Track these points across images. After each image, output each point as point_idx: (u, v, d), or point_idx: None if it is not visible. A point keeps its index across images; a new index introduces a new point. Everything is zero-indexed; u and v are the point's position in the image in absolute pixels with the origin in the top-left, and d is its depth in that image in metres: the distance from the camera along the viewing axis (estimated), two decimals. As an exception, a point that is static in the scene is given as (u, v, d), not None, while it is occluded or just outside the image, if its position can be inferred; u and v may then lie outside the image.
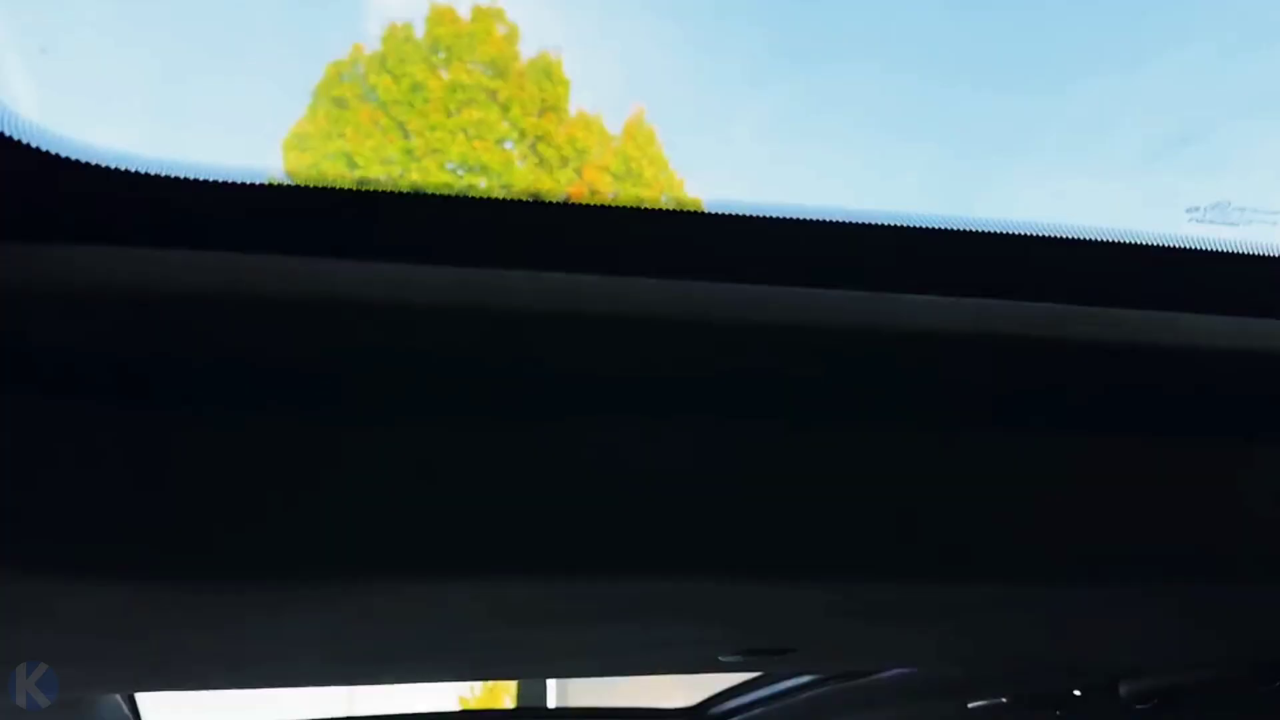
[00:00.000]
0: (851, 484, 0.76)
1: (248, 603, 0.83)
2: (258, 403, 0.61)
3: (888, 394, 0.70)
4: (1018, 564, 0.85)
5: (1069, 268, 0.76)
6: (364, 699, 3.49)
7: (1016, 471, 0.77)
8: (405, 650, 1.09)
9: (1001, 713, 1.95)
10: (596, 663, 1.27)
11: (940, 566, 0.85)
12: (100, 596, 0.78)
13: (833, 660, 1.61)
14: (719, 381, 0.66)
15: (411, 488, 0.69)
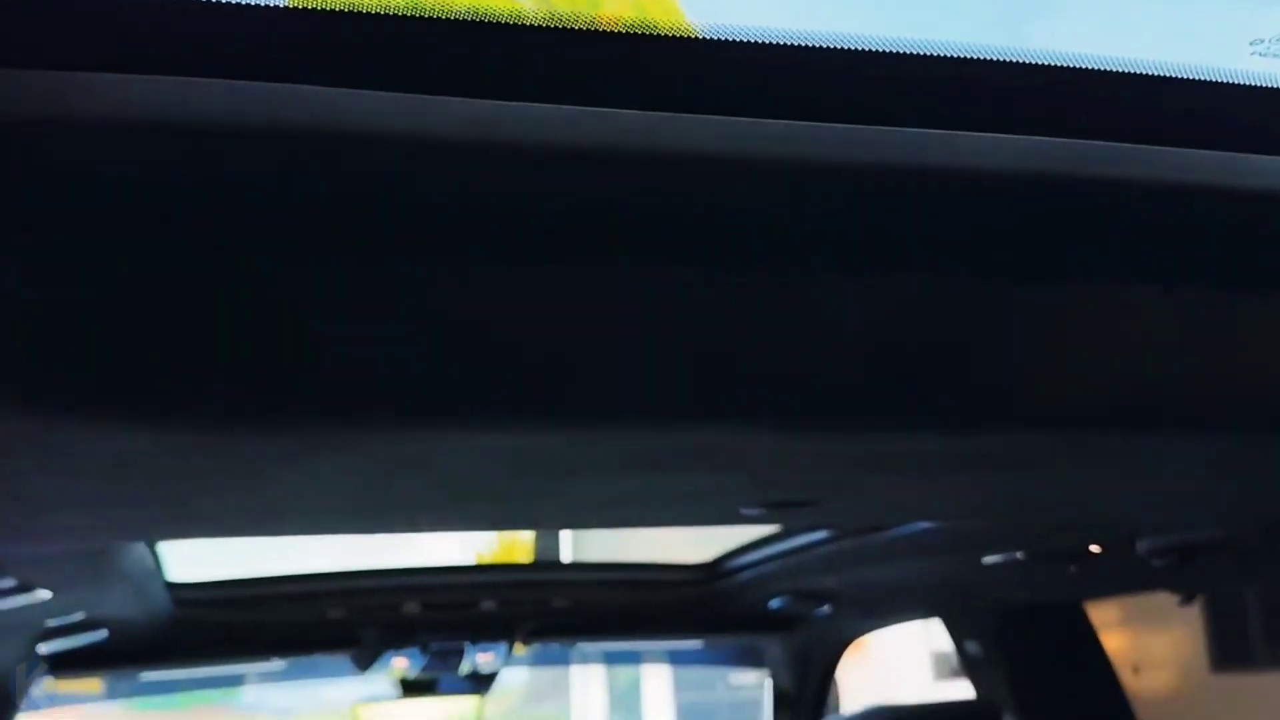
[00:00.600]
0: (874, 332, 0.74)
1: (270, 450, 0.82)
2: (278, 242, 0.60)
3: (913, 238, 0.67)
4: (1042, 415, 0.84)
5: (1121, 102, 0.72)
6: (387, 553, 3.58)
7: (1044, 320, 0.75)
8: (429, 500, 1.09)
9: (1016, 568, 1.97)
10: (619, 514, 1.27)
11: (965, 418, 0.83)
12: (120, 443, 0.77)
13: (853, 514, 1.62)
14: (744, 223, 0.64)
15: (436, 334, 0.67)
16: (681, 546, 3.00)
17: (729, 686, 15.90)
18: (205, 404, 0.70)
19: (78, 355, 0.65)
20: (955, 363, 0.77)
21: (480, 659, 2.85)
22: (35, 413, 0.69)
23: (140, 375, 0.67)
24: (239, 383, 0.69)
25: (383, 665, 2.82)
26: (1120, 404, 0.83)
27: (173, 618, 2.41)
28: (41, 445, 0.77)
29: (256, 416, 0.72)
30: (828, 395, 0.77)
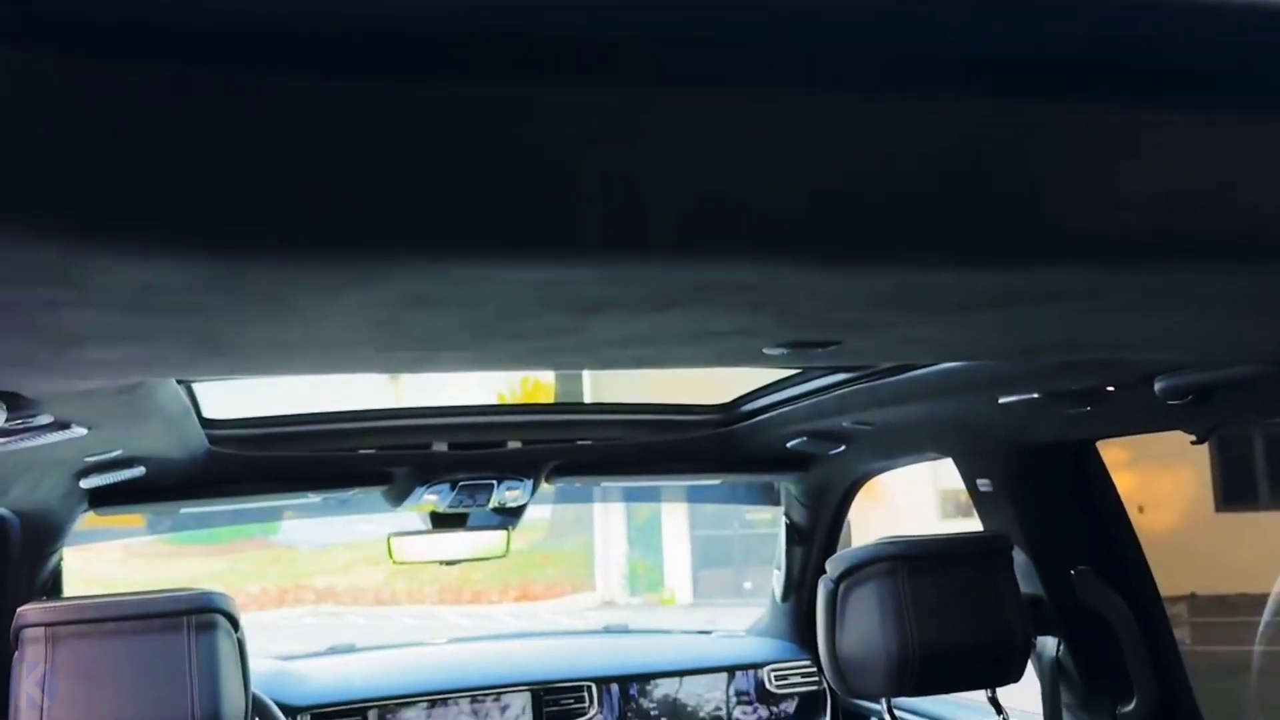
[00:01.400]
0: (899, 163, 0.72)
1: (295, 284, 0.83)
2: (302, 61, 0.58)
3: (941, 59, 0.64)
4: (1070, 247, 0.83)
5: None
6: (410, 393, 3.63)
7: (1073, 149, 0.74)
8: (455, 338, 1.10)
9: (1032, 407, 2.00)
10: (643, 354, 1.29)
11: (992, 251, 0.83)
12: (143, 275, 0.78)
13: (874, 354, 1.64)
14: (771, 44, 0.62)
15: (464, 162, 0.66)
16: (699, 394, 3.05)
17: (744, 523, 16.36)
18: (227, 235, 0.69)
19: (95, 181, 0.63)
20: (982, 194, 0.77)
21: (507, 495, 2.95)
22: (54, 240, 0.68)
23: (159, 204, 0.66)
24: (261, 213, 0.68)
25: (414, 501, 2.92)
26: (1149, 235, 0.83)
27: (208, 454, 2.48)
28: (63, 275, 0.77)
29: (280, 248, 0.71)
30: (854, 229, 0.78)
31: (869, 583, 2.13)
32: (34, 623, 1.73)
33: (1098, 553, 2.43)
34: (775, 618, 3.62)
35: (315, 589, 15.83)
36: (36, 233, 0.67)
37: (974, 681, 2.24)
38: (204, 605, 1.80)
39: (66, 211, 0.65)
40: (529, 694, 3.11)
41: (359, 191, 0.67)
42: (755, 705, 3.36)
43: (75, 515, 2.60)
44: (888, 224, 0.77)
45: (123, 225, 0.67)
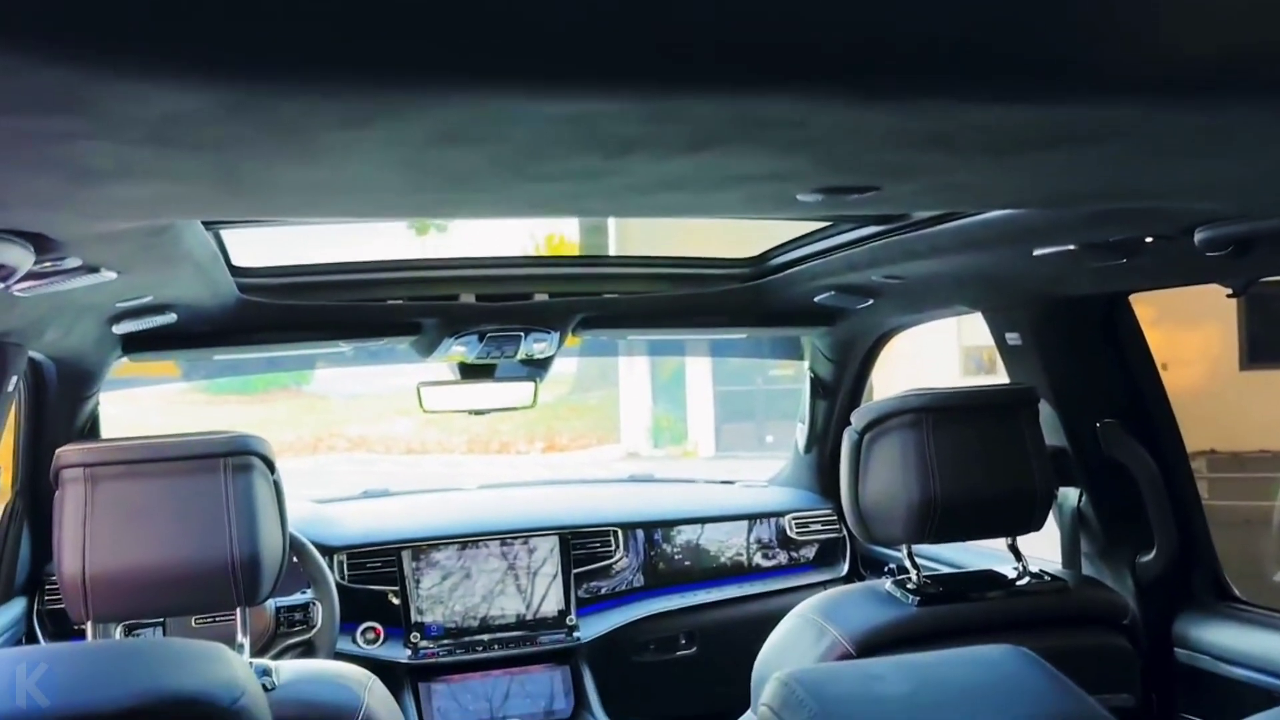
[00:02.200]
0: None
1: (319, 116, 0.80)
2: None
3: None
4: (1118, 82, 0.80)
5: None
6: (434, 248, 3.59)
7: None
8: (483, 179, 1.09)
9: (1067, 259, 1.97)
10: (675, 200, 1.26)
11: (1039, 85, 0.80)
12: (165, 102, 0.76)
13: (912, 201, 1.60)
14: None
15: None
16: (722, 250, 3.02)
17: (766, 379, 16.46)
18: (248, 57, 0.67)
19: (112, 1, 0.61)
20: (1031, 24, 0.73)
21: (535, 346, 2.97)
22: (73, 64, 0.66)
23: (179, 24, 0.64)
24: (284, 34, 0.65)
25: (442, 352, 2.95)
26: (1200, 70, 0.80)
27: (238, 301, 2.50)
28: (78, 102, 0.75)
29: (303, 73, 0.69)
30: (899, 61, 0.74)
31: (893, 433, 2.14)
32: (73, 463, 1.77)
33: (1124, 406, 2.43)
34: (797, 469, 3.67)
35: (348, 437, 16.19)
36: (47, 54, 0.65)
37: (995, 530, 2.27)
38: (240, 448, 1.84)
39: (77, 31, 0.62)
40: (556, 538, 3.20)
41: (382, 17, 0.64)
42: (776, 551, 3.45)
43: (110, 360, 2.64)
44: (934, 53, 0.74)
45: (135, 46, 0.64)
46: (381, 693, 1.96)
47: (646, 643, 3.26)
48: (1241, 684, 2.14)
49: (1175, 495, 2.38)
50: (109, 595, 1.74)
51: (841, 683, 1.04)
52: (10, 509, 2.58)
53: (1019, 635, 1.24)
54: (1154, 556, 2.38)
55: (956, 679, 1.05)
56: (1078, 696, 1.01)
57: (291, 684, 1.83)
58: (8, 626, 2.51)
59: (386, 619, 3.04)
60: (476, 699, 3.03)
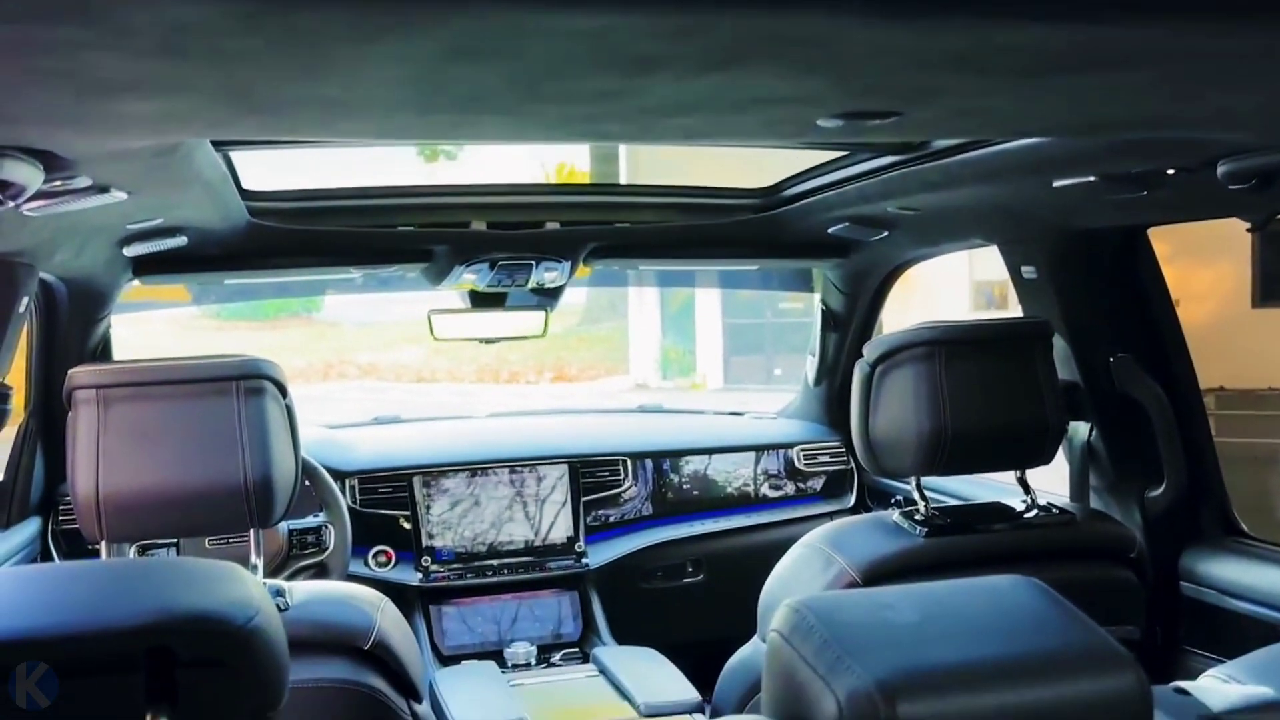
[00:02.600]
0: None
1: (330, 28, 0.78)
2: None
3: None
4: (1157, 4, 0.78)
5: None
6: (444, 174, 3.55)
7: None
8: (497, 99, 1.07)
9: (1087, 191, 1.94)
10: (692, 124, 1.24)
11: (1066, 4, 0.78)
12: (173, 12, 0.74)
13: (934, 128, 1.57)
14: None
15: None
16: (735, 182, 2.98)
17: (776, 312, 16.44)
18: None
19: None
20: None
21: (546, 275, 2.95)
22: None
23: None
24: None
25: (453, 280, 2.94)
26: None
27: (248, 225, 2.49)
28: (92, 10, 0.73)
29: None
30: None
31: (905, 366, 2.14)
32: (85, 384, 1.77)
33: (1138, 341, 2.42)
34: (806, 401, 3.67)
35: (358, 365, 16.25)
36: None
37: (1005, 463, 2.28)
38: (252, 371, 1.84)
39: None
40: (566, 466, 3.22)
41: None
42: (783, 482, 3.47)
43: (121, 283, 2.64)
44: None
45: None
46: (394, 614, 1.98)
47: (654, 570, 3.29)
48: (1246, 618, 2.16)
49: (1186, 430, 2.38)
50: (122, 515, 1.76)
51: (851, 610, 1.05)
52: (24, 430, 2.60)
53: (1026, 567, 1.25)
54: (1163, 491, 2.38)
55: (966, 608, 1.06)
56: (1089, 627, 1.02)
57: (305, 604, 1.85)
58: (23, 545, 2.54)
59: (398, 543, 3.07)
60: (486, 622, 3.08)
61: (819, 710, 0.96)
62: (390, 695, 1.88)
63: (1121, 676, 0.96)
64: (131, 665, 0.90)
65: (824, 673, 0.96)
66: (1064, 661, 0.97)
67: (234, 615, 0.94)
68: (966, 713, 0.93)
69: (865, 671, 0.94)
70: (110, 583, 1.01)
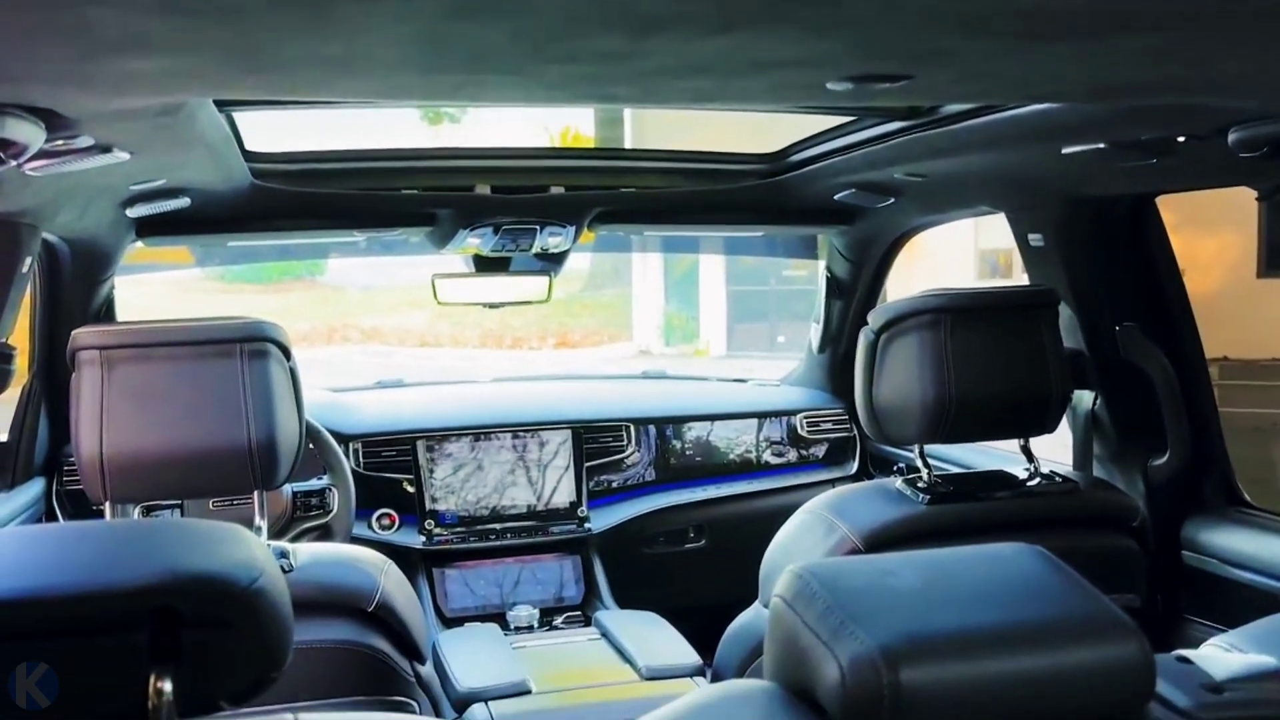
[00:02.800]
0: None
1: None
2: None
3: None
4: None
5: None
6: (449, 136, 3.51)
7: None
8: (503, 59, 1.05)
9: (1097, 158, 1.93)
10: (699, 87, 1.23)
11: None
12: None
13: (946, 92, 1.55)
14: None
15: None
16: (740, 148, 2.96)
17: (780, 279, 16.43)
18: None
19: None
20: None
21: (550, 240, 2.94)
22: None
23: None
24: None
25: (457, 244, 2.92)
26: None
27: (251, 187, 2.47)
28: None
29: None
30: None
31: (911, 334, 2.13)
32: (89, 345, 1.77)
33: (1145, 310, 2.41)
34: (810, 368, 3.67)
35: (361, 329, 16.25)
36: None
37: (1009, 431, 2.27)
38: (256, 334, 1.83)
39: None
40: (569, 431, 3.22)
41: None
42: (786, 449, 3.47)
43: (124, 244, 2.63)
44: None
45: None
46: (397, 576, 1.99)
47: (656, 535, 3.31)
48: (1248, 587, 2.16)
49: (1191, 400, 2.37)
50: (126, 476, 1.76)
51: (854, 576, 1.05)
52: (27, 390, 2.60)
53: (1028, 534, 1.25)
54: (1166, 460, 2.38)
55: (969, 575, 1.06)
56: (1092, 595, 1.02)
57: (309, 566, 1.86)
58: (27, 506, 2.55)
59: (401, 506, 3.08)
60: (488, 585, 3.09)
61: (821, 675, 0.96)
62: (393, 656, 1.89)
63: (1125, 645, 0.97)
64: (136, 625, 0.90)
65: (827, 638, 0.97)
66: (1067, 629, 0.97)
67: (239, 576, 0.95)
68: (969, 679, 0.93)
69: (868, 637, 0.94)
70: (115, 543, 1.01)
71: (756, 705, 1.02)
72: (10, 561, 0.95)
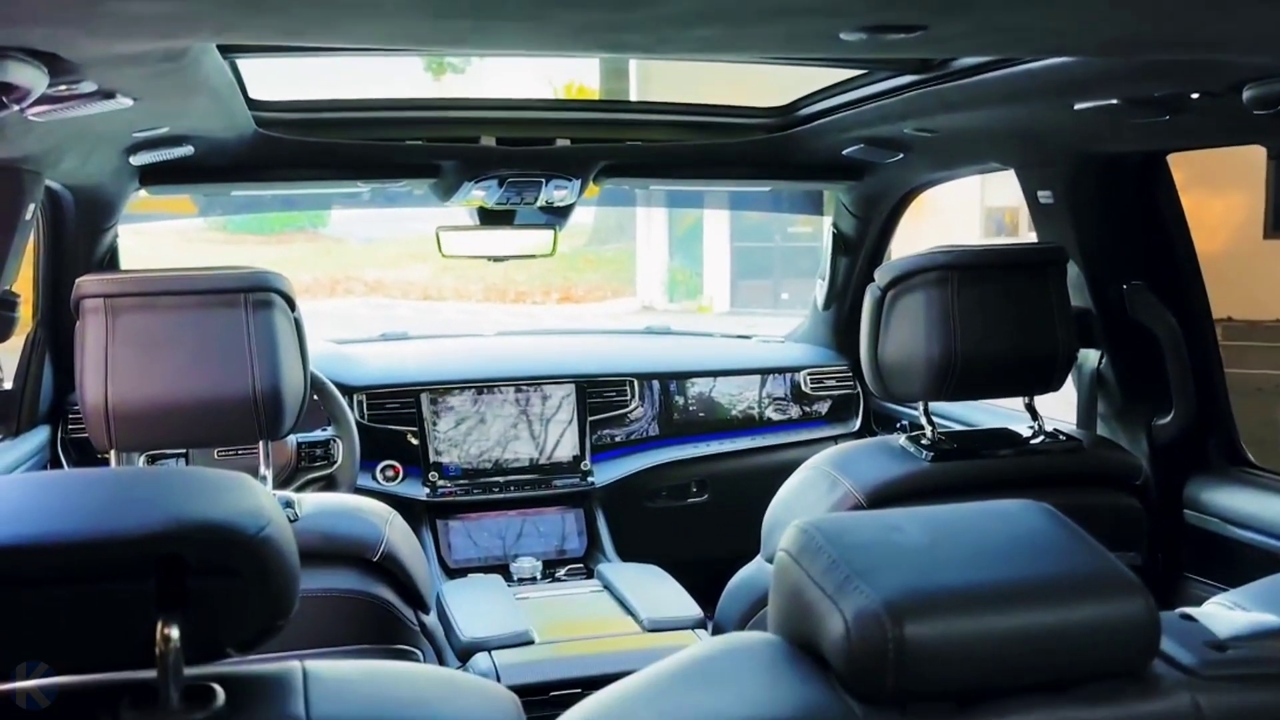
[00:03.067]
0: None
1: None
2: None
3: None
4: None
5: None
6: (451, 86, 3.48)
7: None
8: (513, 6, 1.04)
9: (1109, 114, 1.91)
10: (710, 34, 1.21)
11: None
12: None
13: (960, 44, 1.53)
14: None
15: None
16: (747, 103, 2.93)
17: (785, 236, 16.37)
18: None
19: None
20: None
21: (555, 193, 2.92)
22: None
23: None
24: None
25: (462, 196, 2.90)
26: None
27: (255, 135, 2.45)
28: None
29: None
30: None
31: (917, 291, 2.12)
32: (93, 293, 1.77)
33: (1153, 269, 2.40)
34: (815, 325, 3.66)
35: (365, 281, 16.23)
36: None
37: (1014, 389, 2.27)
38: (260, 284, 1.83)
39: None
40: (573, 385, 3.22)
41: None
42: (789, 405, 3.47)
43: (128, 192, 2.62)
44: None
45: None
46: (402, 527, 2.00)
47: (659, 490, 3.32)
48: (1249, 547, 2.17)
49: (1197, 360, 2.37)
50: (131, 424, 1.76)
51: (860, 531, 1.05)
52: (32, 338, 2.60)
53: (1031, 492, 1.25)
54: (1171, 419, 2.38)
55: (975, 531, 1.06)
56: (1098, 552, 1.02)
57: (314, 516, 1.87)
58: (32, 453, 2.56)
59: (405, 458, 3.09)
60: (492, 537, 3.11)
61: (826, 629, 0.96)
62: (398, 605, 1.91)
63: (1131, 602, 0.97)
64: (142, 573, 0.90)
65: (832, 592, 0.97)
66: (1073, 585, 0.97)
67: (246, 525, 0.95)
68: (974, 634, 0.93)
69: (873, 592, 0.94)
70: (121, 490, 1.01)
71: (761, 657, 1.03)
72: (16, 507, 0.95)
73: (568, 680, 2.19)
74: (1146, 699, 0.97)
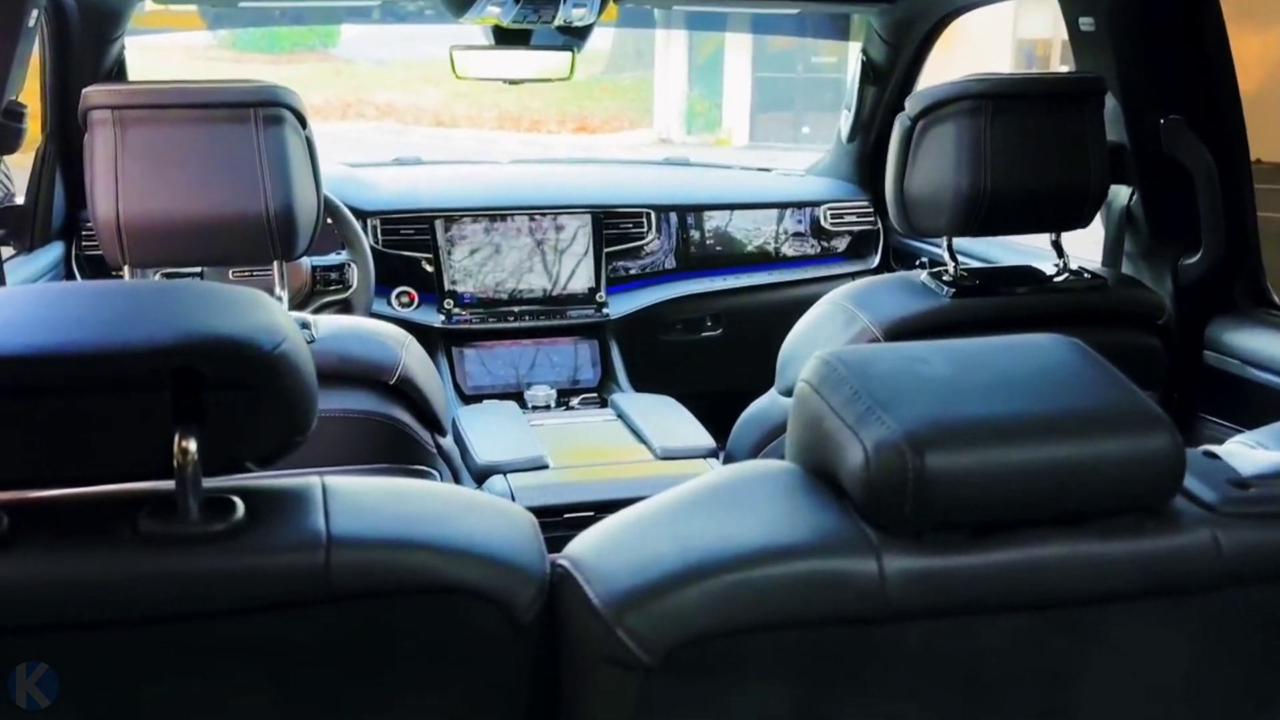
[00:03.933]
0: None
1: None
2: None
3: None
4: None
5: None
6: None
7: None
8: None
9: None
10: None
11: None
12: None
13: None
14: None
15: None
16: None
17: (809, 66, 15.91)
18: None
19: None
20: None
21: (574, 12, 2.80)
22: None
23: None
24: None
25: (476, 12, 2.79)
26: None
27: None
28: None
29: None
30: None
31: (949, 121, 2.05)
32: (100, 104, 1.72)
33: (1193, 103, 2.31)
34: (837, 158, 3.58)
35: (376, 105, 15.90)
36: None
37: (1043, 224, 2.22)
38: (271, 99, 1.78)
39: None
40: (589, 215, 3.18)
41: None
42: (808, 240, 3.43)
43: (133, 1, 2.53)
44: None
45: None
46: (418, 351, 2.00)
47: (674, 322, 3.31)
48: (1267, 389, 2.16)
49: (1230, 199, 2.30)
50: (144, 240, 1.74)
51: (883, 362, 1.03)
52: (41, 153, 2.56)
53: (1053, 329, 1.23)
54: (1198, 259, 2.34)
55: (1002, 364, 1.04)
56: (1125, 386, 1.00)
57: (330, 338, 1.87)
58: (47, 269, 2.55)
59: (420, 285, 3.08)
60: (506, 365, 3.12)
61: (845, 459, 0.96)
62: (415, 427, 1.92)
63: (1156, 437, 0.96)
64: (159, 385, 0.90)
65: (852, 423, 0.96)
66: (1099, 419, 0.96)
67: (262, 340, 0.93)
68: (997, 466, 0.93)
69: (894, 423, 0.93)
70: (136, 302, 0.99)
71: (778, 484, 1.03)
72: (31, 316, 0.94)
73: (582, 504, 2.23)
74: (1165, 534, 0.97)
